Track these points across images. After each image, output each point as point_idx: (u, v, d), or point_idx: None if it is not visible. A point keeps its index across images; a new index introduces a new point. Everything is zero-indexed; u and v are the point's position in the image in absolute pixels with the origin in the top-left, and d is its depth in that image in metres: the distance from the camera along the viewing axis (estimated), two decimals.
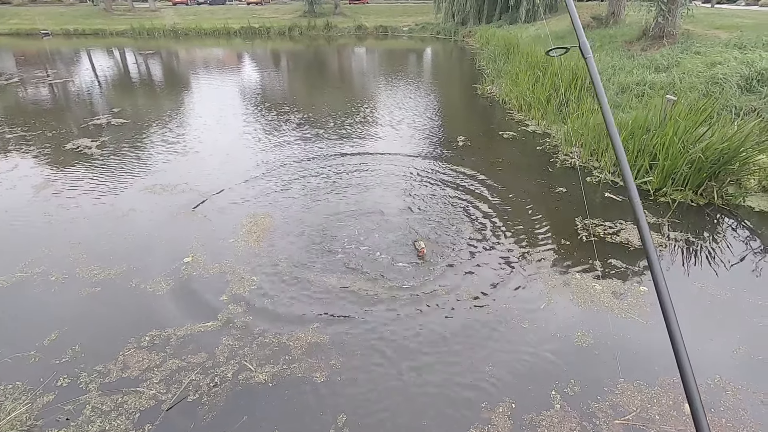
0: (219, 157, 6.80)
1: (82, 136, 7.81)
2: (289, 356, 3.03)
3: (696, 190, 5.28)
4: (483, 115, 9.82)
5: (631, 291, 3.71)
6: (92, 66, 16.71)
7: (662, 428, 2.55)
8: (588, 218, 4.85)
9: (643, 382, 2.85)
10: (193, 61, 19.20)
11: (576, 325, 3.34)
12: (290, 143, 7.45)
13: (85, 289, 3.71)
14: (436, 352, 3.09)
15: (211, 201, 5.31)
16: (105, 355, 3.03)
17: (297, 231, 4.62)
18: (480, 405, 2.69)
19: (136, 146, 7.34)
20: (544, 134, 7.89)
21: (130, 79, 14.38)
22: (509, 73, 11.32)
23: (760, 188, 5.36)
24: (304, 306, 3.53)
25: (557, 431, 2.54)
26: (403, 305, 3.53)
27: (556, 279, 3.87)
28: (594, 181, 5.85)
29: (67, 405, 2.68)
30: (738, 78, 7.22)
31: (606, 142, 6.27)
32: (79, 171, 6.26)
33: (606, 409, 2.67)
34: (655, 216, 4.91)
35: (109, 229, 4.69)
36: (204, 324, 3.31)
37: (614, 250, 4.30)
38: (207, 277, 3.87)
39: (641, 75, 8.62)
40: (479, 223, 4.81)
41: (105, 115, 9.24)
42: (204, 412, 2.63)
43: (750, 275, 3.95)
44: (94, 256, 4.20)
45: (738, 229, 4.72)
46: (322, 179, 5.95)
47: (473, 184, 5.78)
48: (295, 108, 9.95)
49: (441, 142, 7.60)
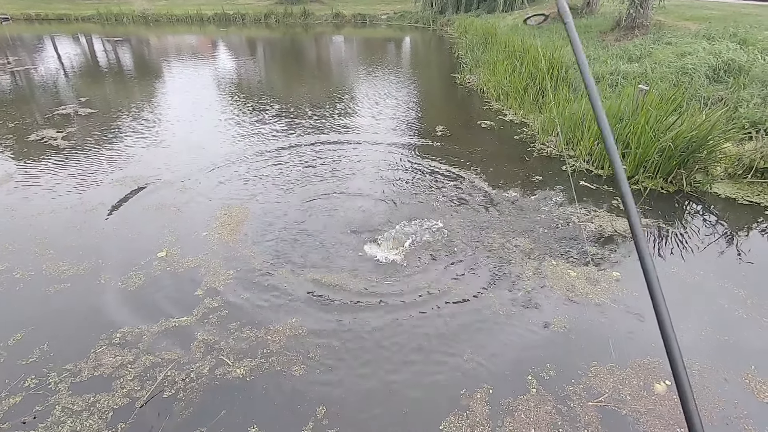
0: (192, 149, 6.62)
1: (47, 127, 7.47)
2: (267, 350, 3.00)
3: (666, 178, 5.43)
4: (461, 105, 9.85)
5: (605, 277, 3.81)
6: (57, 53, 15.96)
7: (633, 408, 2.64)
8: (576, 206, 4.94)
9: (615, 364, 2.94)
10: (164, 48, 18.55)
11: (552, 311, 3.41)
12: (266, 134, 7.31)
13: (53, 286, 3.57)
14: (414, 342, 3.11)
15: (184, 193, 5.17)
16: (75, 353, 2.93)
17: (272, 222, 4.56)
18: (459, 392, 2.73)
19: (105, 137, 7.08)
20: (522, 123, 7.97)
21: (98, 67, 13.81)
22: (487, 63, 11.36)
23: (726, 175, 5.55)
24: (281, 299, 3.49)
25: (533, 414, 2.59)
26: (381, 296, 3.53)
27: (533, 267, 3.94)
28: (569, 170, 5.95)
29: (35, 406, 2.59)
30: (706, 68, 7.43)
31: (581, 131, 6.37)
32: (45, 163, 6.00)
33: (580, 391, 2.74)
34: None
35: (77, 223, 4.52)
36: (179, 319, 3.24)
37: (589, 237, 4.39)
38: (181, 272, 3.78)
39: (615, 65, 8.77)
40: (456, 212, 4.84)
41: (71, 105, 8.86)
42: (180, 408, 2.59)
43: (717, 259, 4.10)
44: (61, 251, 4.04)
45: (705, 215, 4.89)
46: (299, 170, 5.87)
47: (451, 174, 5.80)
48: (272, 98, 9.76)
49: (420, 132, 7.58)
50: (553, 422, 2.55)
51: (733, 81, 7.08)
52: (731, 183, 5.45)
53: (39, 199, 5.00)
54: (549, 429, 2.51)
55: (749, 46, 8.04)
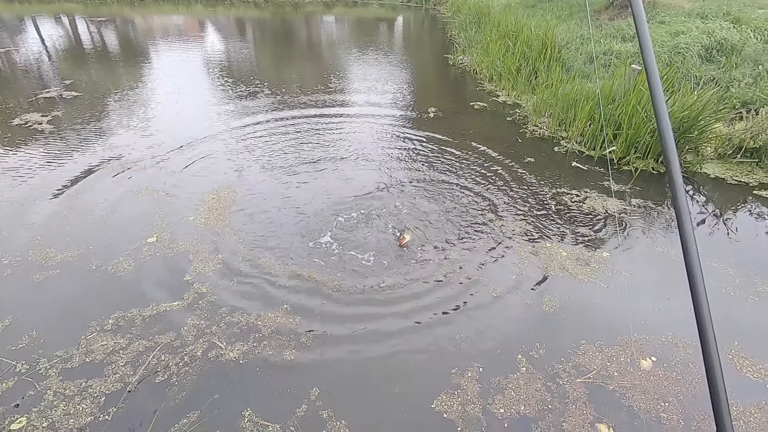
0: (180, 133, 6.50)
1: (32, 111, 7.29)
2: (258, 334, 3.01)
3: (657, 158, 5.45)
4: (454, 86, 9.74)
5: (595, 257, 3.84)
6: (39, 34, 15.48)
7: (620, 383, 2.70)
8: (567, 186, 4.95)
9: (603, 342, 2.99)
10: (150, 29, 18.06)
11: (544, 291, 3.45)
12: (256, 116, 7.19)
13: (41, 272, 3.53)
14: (406, 321, 3.14)
15: (173, 177, 5.10)
16: (66, 339, 2.92)
17: (261, 206, 4.52)
18: (450, 371, 2.77)
19: (91, 121, 6.92)
20: (515, 105, 7.91)
21: (82, 48, 13.43)
22: (480, 43, 11.20)
23: (716, 155, 5.58)
24: (272, 283, 3.49)
25: (523, 392, 2.64)
26: (372, 278, 3.55)
27: (525, 247, 3.96)
28: (562, 151, 5.95)
29: (27, 391, 2.59)
30: (699, 48, 7.38)
31: (574, 112, 6.34)
32: (30, 148, 5.87)
33: (569, 369, 2.80)
34: (618, 184, 5.06)
35: (64, 209, 4.45)
36: (170, 304, 3.23)
37: (580, 218, 4.42)
38: (172, 257, 3.76)
39: (608, 44, 8.69)
40: (449, 193, 4.83)
41: (56, 88, 8.63)
42: (174, 392, 2.60)
43: (706, 239, 4.16)
44: (49, 238, 3.99)
45: (695, 195, 4.93)
46: (290, 153, 5.80)
47: (444, 156, 5.77)
48: (262, 80, 9.58)
49: (412, 114, 7.51)
50: (542, 399, 2.60)
51: (725, 60, 7.05)
52: (721, 163, 5.48)
53: (25, 185, 4.90)
54: (538, 405, 2.57)
55: (742, 25, 7.98)
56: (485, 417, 2.50)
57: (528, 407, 2.56)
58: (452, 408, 2.54)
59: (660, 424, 2.47)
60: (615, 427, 2.45)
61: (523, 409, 2.54)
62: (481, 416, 2.50)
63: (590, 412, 2.53)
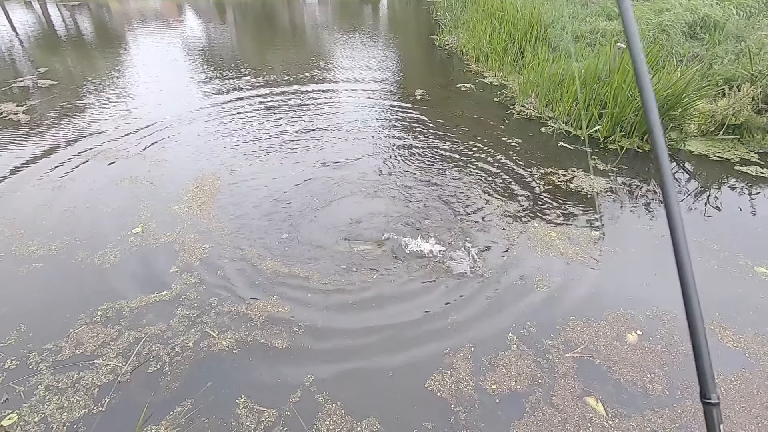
0: (164, 121, 6.35)
1: (6, 101, 7.05)
2: (251, 323, 3.00)
3: (642, 137, 5.50)
4: (441, 67, 9.66)
5: (583, 236, 3.90)
6: (9, 20, 14.87)
7: (607, 357, 2.77)
8: (555, 166, 4.98)
9: (591, 317, 3.05)
10: (126, 13, 17.46)
11: (533, 270, 3.50)
12: (240, 101, 7.06)
13: (24, 266, 3.46)
14: (397, 305, 3.16)
15: (156, 165, 5.00)
16: (54, 333, 2.89)
17: (247, 194, 4.47)
18: (443, 351, 2.81)
19: (68, 110, 6.72)
20: (501, 86, 7.89)
21: (56, 35, 12.95)
22: (466, 23, 11.07)
23: (699, 132, 5.65)
24: (263, 271, 3.48)
25: (514, 368, 2.70)
26: (361, 263, 3.55)
27: (515, 228, 4.00)
28: (548, 131, 5.97)
29: (17, 386, 2.56)
30: (683, 25, 7.40)
31: (560, 92, 6.35)
32: (6, 139, 5.69)
33: (558, 345, 2.86)
34: (604, 163, 5.11)
35: (45, 201, 4.35)
36: (159, 294, 3.21)
37: (568, 198, 4.46)
38: (157, 247, 3.71)
39: (594, 23, 8.66)
40: (437, 176, 4.83)
41: (30, 77, 8.34)
42: (167, 382, 2.60)
43: (690, 214, 4.24)
44: (31, 231, 3.90)
45: (679, 172, 5.00)
46: (274, 140, 5.72)
47: (431, 138, 5.75)
48: (244, 64, 9.37)
49: (399, 97, 7.44)
50: (532, 374, 2.66)
51: (708, 37, 7.09)
52: (703, 140, 5.56)
53: (2, 178, 4.77)
54: (529, 381, 2.63)
55: (725, 1, 8.01)
56: (478, 394, 2.55)
57: (519, 383, 2.61)
58: (445, 387, 2.59)
59: (646, 395, 2.55)
60: (602, 399, 2.52)
61: (514, 385, 2.60)
62: (473, 393, 2.55)
63: (578, 385, 2.60)
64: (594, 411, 2.46)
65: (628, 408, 2.48)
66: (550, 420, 2.42)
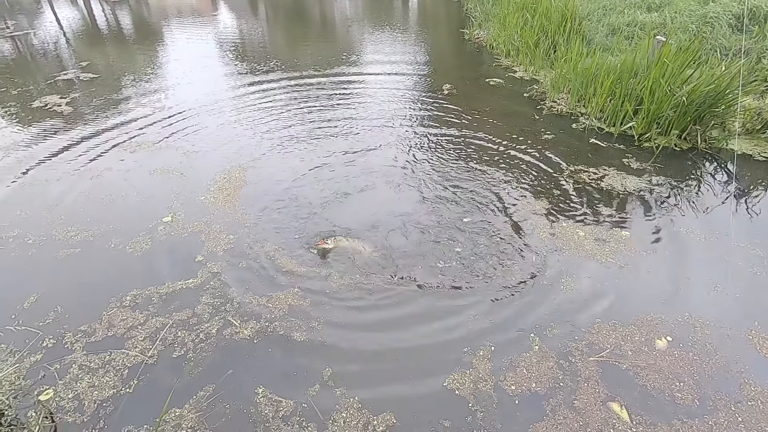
0: (197, 113, 6.52)
1: (51, 93, 7.41)
2: (271, 315, 3.05)
3: (680, 135, 5.24)
4: (470, 62, 9.49)
5: (614, 236, 3.76)
6: (56, 17, 15.60)
7: (634, 362, 2.67)
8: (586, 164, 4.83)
9: (619, 321, 2.95)
10: (164, 9, 18.00)
11: (561, 270, 3.40)
12: (271, 95, 7.16)
13: (63, 251, 3.65)
14: (416, 303, 3.14)
15: (187, 156, 5.15)
16: (88, 315, 3.03)
17: (272, 187, 4.54)
18: (462, 350, 2.78)
19: (108, 102, 7.00)
20: (532, 80, 7.68)
21: (98, 30, 13.50)
22: (497, 16, 10.82)
23: (744, 131, 5.34)
24: (284, 264, 3.53)
25: (535, 370, 2.64)
26: (381, 259, 3.55)
27: (542, 226, 3.90)
28: (580, 128, 5.78)
29: (53, 364, 2.70)
30: (729, 16, 6.99)
31: (593, 88, 6.12)
32: (50, 130, 5.99)
33: (583, 348, 2.77)
34: (639, 161, 4.90)
35: (84, 189, 4.55)
36: (185, 282, 3.31)
37: (598, 196, 4.31)
38: (185, 236, 3.82)
39: (632, 15, 8.29)
40: (464, 172, 4.76)
41: (73, 70, 8.73)
42: (190, 367, 2.68)
43: (732, 218, 4.01)
44: (71, 217, 4.10)
45: (719, 173, 4.75)
46: (303, 134, 5.77)
47: (459, 134, 5.67)
48: (276, 58, 9.49)
49: (427, 91, 7.36)
50: (554, 377, 2.60)
51: (757, 30, 6.66)
52: (749, 139, 5.24)
53: (46, 167, 5.03)
54: (550, 383, 2.57)
55: None
56: (497, 394, 2.51)
57: (540, 385, 2.56)
58: (464, 386, 2.56)
59: (674, 404, 2.44)
60: (627, 405, 2.44)
61: (535, 387, 2.55)
62: (492, 393, 2.52)
63: (602, 390, 2.52)
64: (618, 417, 2.38)
65: (654, 416, 2.38)
66: (571, 424, 2.36)
